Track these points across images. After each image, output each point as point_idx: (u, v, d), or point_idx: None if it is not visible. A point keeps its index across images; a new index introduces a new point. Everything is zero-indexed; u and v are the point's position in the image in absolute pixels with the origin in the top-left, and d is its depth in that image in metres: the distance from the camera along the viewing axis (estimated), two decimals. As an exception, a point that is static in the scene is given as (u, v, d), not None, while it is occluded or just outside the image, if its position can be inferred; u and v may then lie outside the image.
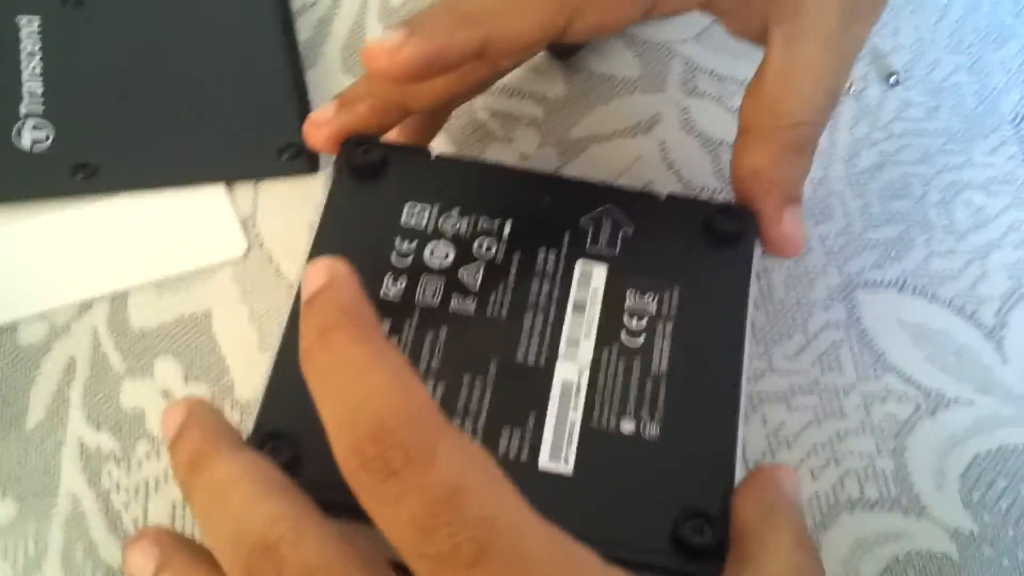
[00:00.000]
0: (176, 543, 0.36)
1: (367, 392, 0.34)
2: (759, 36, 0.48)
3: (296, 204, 0.54)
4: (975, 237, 0.55)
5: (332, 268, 0.36)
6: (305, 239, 0.45)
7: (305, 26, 0.60)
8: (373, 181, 0.46)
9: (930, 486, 0.49)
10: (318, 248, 0.45)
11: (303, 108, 0.56)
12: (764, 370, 0.51)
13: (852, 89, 0.60)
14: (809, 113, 0.47)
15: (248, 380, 0.49)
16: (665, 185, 0.56)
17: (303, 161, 0.55)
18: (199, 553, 0.36)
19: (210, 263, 0.52)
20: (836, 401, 0.51)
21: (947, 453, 0.49)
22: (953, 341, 0.52)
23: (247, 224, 0.53)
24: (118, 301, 0.51)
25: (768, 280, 0.54)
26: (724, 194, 0.56)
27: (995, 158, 0.58)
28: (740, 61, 0.61)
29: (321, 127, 0.46)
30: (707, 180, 0.57)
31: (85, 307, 0.51)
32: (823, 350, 0.52)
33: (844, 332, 0.52)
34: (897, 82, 0.60)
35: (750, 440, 0.49)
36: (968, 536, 0.48)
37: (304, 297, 0.36)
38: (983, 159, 0.58)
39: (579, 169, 0.56)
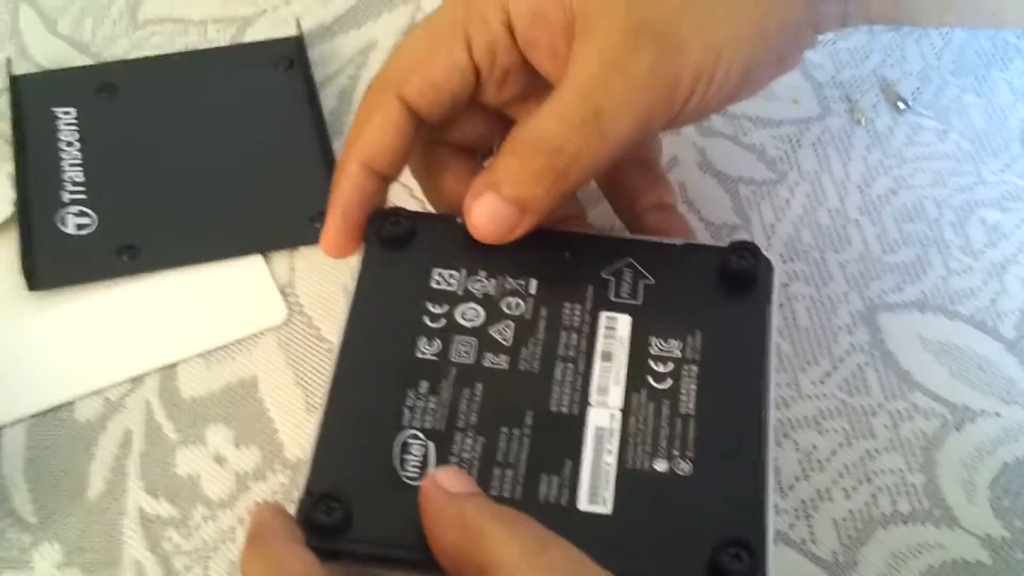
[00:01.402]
0: None
1: None
2: None
3: (331, 268, 0.56)
4: (991, 254, 0.57)
5: None
6: (342, 301, 0.47)
7: (328, 96, 0.62)
8: (403, 250, 0.49)
9: (961, 497, 0.50)
10: (355, 316, 0.47)
11: (331, 175, 0.58)
12: (793, 396, 0.53)
13: (863, 119, 0.62)
14: (565, 134, 0.45)
15: (296, 441, 0.51)
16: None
17: (336, 227, 0.57)
18: None
19: (253, 331, 0.54)
20: (865, 421, 0.52)
21: (976, 464, 0.51)
22: (976, 355, 0.54)
23: (286, 291, 0.56)
24: (168, 373, 0.53)
25: (791, 308, 0.55)
26: (745, 231, 0.58)
27: (1006, 175, 0.60)
28: (751, 100, 0.62)
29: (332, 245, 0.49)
30: (727, 217, 0.58)
31: (137, 381, 0.53)
32: (849, 373, 0.53)
33: (869, 354, 0.54)
34: (907, 107, 0.62)
35: (784, 465, 0.51)
36: (1000, 542, 0.49)
37: None
38: (994, 177, 0.60)
39: (602, 216, 0.58)
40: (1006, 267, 0.57)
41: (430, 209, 0.53)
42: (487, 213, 0.46)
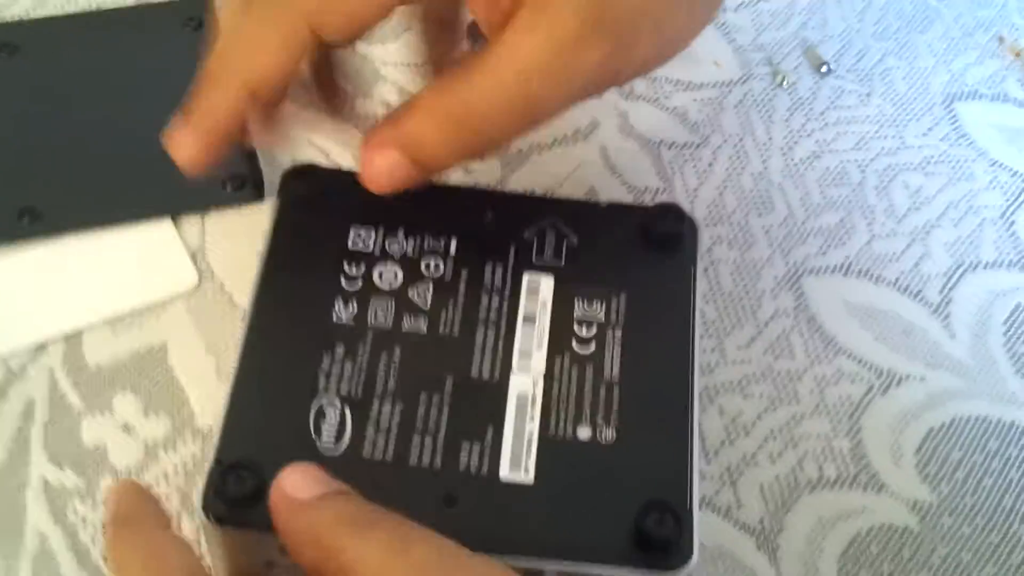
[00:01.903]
0: None
1: None
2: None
3: (244, 233, 0.54)
4: (915, 217, 0.56)
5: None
6: (255, 265, 0.45)
7: (241, 58, 0.60)
8: (317, 209, 0.47)
9: (887, 462, 0.49)
10: (266, 278, 0.45)
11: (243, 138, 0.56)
12: (717, 362, 0.52)
13: (786, 82, 0.61)
14: (511, 115, 0.42)
15: (208, 410, 0.50)
16: (608, 188, 0.57)
17: (248, 190, 0.55)
18: None
19: (162, 297, 0.52)
20: (790, 386, 0.51)
21: (902, 429, 0.50)
22: (901, 320, 0.53)
23: (197, 256, 0.54)
24: (73, 341, 0.51)
25: (716, 273, 0.54)
26: (667, 194, 0.57)
27: (929, 139, 0.59)
28: (672, 63, 0.61)
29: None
30: (650, 181, 0.57)
31: (40, 349, 0.51)
32: (774, 338, 0.53)
33: (793, 319, 0.53)
34: (829, 71, 0.61)
35: (709, 430, 0.50)
36: (927, 507, 0.48)
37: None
38: (917, 141, 0.59)
39: (523, 179, 0.56)
40: (930, 231, 0.56)
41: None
42: (387, 169, 0.43)
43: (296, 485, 0.37)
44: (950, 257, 0.55)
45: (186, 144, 0.43)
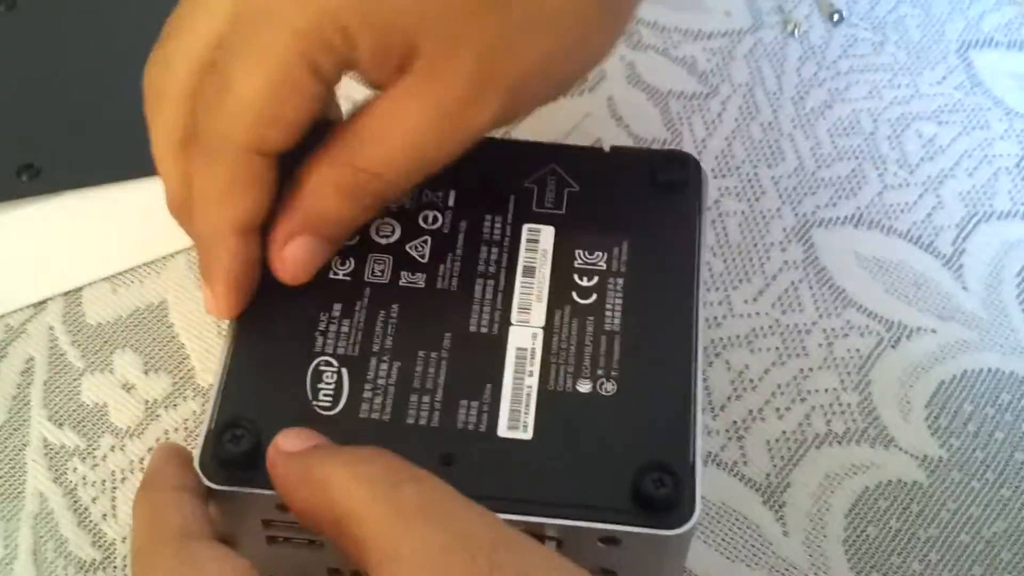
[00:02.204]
0: None
1: None
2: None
3: (245, 188, 0.53)
4: (928, 167, 0.55)
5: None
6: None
7: (243, 10, 0.60)
8: None
9: (896, 416, 0.49)
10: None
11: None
12: (725, 315, 0.51)
13: (797, 31, 0.60)
14: (401, 177, 0.41)
15: (208, 367, 0.49)
16: (616, 140, 0.56)
17: (250, 145, 0.54)
18: None
19: (162, 253, 0.52)
20: (798, 340, 0.51)
21: (912, 383, 0.50)
22: (912, 271, 0.52)
23: (197, 212, 0.53)
24: (72, 298, 0.51)
25: (724, 225, 0.53)
26: (674, 144, 0.56)
27: (943, 88, 0.58)
28: (681, 12, 0.61)
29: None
30: (657, 132, 0.57)
31: (40, 307, 0.51)
32: (782, 291, 0.52)
33: (802, 271, 0.52)
34: (841, 19, 0.60)
35: (715, 385, 0.49)
36: (937, 462, 0.48)
37: None
38: (931, 90, 0.58)
39: (527, 131, 0.55)
40: (943, 181, 0.55)
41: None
42: (303, 257, 0.42)
43: (290, 442, 0.37)
44: (964, 207, 0.54)
45: (221, 306, 0.42)
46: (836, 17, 0.60)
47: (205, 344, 0.50)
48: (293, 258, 0.42)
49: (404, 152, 0.41)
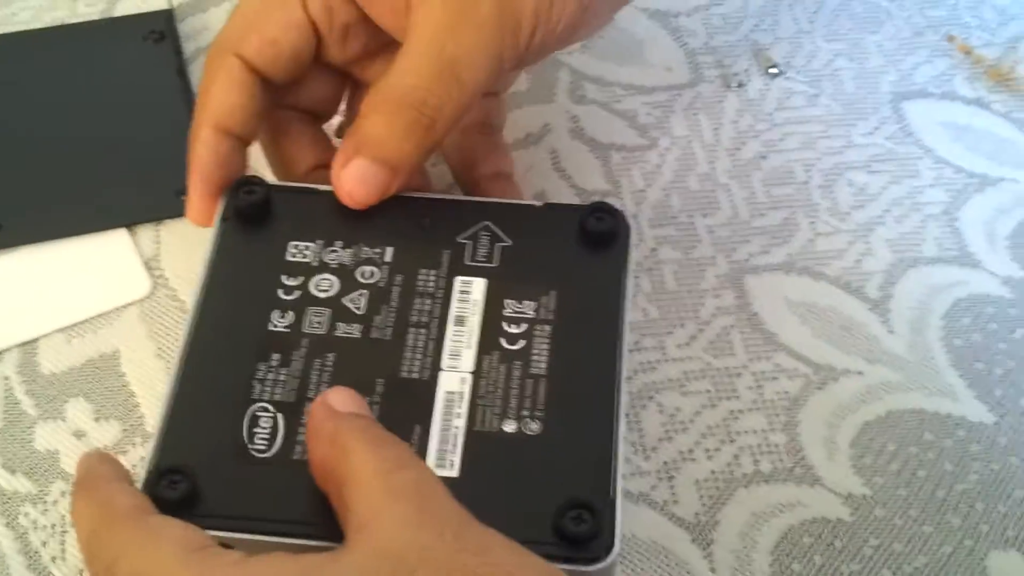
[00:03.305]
0: None
1: None
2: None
3: (198, 241, 0.54)
4: (858, 215, 0.57)
5: None
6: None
7: (199, 69, 0.62)
8: (258, 221, 0.48)
9: (822, 456, 0.50)
10: (208, 288, 0.46)
11: (199, 148, 0.58)
12: (659, 360, 0.53)
13: (735, 85, 0.62)
14: (426, 86, 0.45)
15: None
16: (558, 191, 0.58)
17: (202, 200, 0.56)
18: None
19: (116, 305, 0.54)
20: (729, 383, 0.52)
21: (838, 423, 0.51)
22: (840, 316, 0.54)
23: (151, 264, 0.55)
24: (28, 349, 0.53)
25: (660, 273, 0.55)
26: (614, 196, 0.58)
27: (875, 138, 0.60)
28: (624, 67, 0.63)
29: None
30: (598, 184, 0.58)
31: (-3, 358, 0.53)
32: (715, 336, 0.54)
33: (734, 317, 0.54)
34: (779, 73, 0.62)
35: (647, 427, 0.51)
36: (861, 499, 0.49)
37: None
38: (864, 140, 0.60)
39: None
40: (873, 228, 0.57)
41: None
42: (358, 177, 0.46)
43: (338, 398, 0.41)
44: (892, 253, 0.56)
45: (191, 207, 0.48)
46: (774, 71, 0.62)
47: (155, 392, 0.51)
48: (350, 177, 0.46)
49: (433, 50, 0.45)
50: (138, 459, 0.50)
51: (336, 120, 0.54)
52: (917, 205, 0.58)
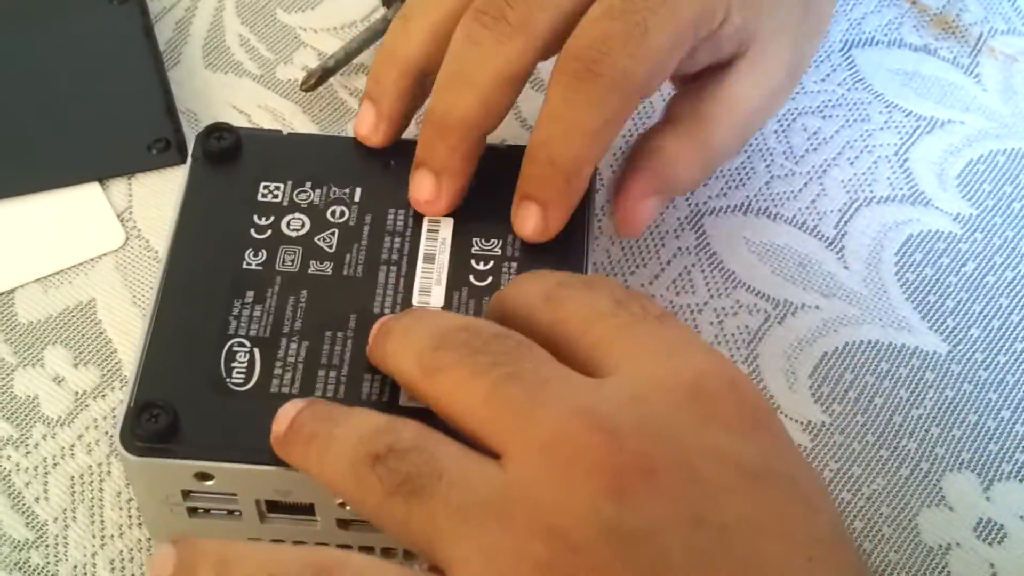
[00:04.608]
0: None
1: None
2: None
3: (169, 194, 0.56)
4: (812, 158, 0.59)
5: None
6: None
7: (165, 28, 0.63)
8: (229, 165, 0.49)
9: (782, 386, 0.52)
10: (181, 231, 0.48)
11: (168, 103, 0.59)
12: (622, 299, 0.54)
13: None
14: (738, 146, 0.54)
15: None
16: (519, 140, 0.59)
17: (172, 153, 0.58)
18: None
19: (91, 256, 0.55)
20: (691, 319, 0.54)
21: (797, 355, 0.53)
22: (797, 254, 0.56)
23: (124, 217, 0.56)
24: (4, 299, 0.54)
25: (622, 217, 0.57)
26: (575, 143, 0.59)
27: (827, 85, 0.62)
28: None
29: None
30: (559, 133, 0.60)
31: (-27, 309, 0.54)
32: (676, 275, 0.55)
33: (695, 256, 0.56)
34: (732, 24, 0.64)
35: (612, 363, 0.52)
36: (820, 426, 0.51)
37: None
38: (816, 87, 0.62)
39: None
40: (827, 170, 0.59)
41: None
42: (650, 214, 0.51)
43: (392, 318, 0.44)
44: (846, 194, 0.58)
45: (382, 130, 0.50)
46: (728, 22, 0.64)
47: (132, 338, 0.52)
48: (644, 214, 0.50)
49: (744, 126, 0.52)
50: (117, 402, 0.51)
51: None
52: (869, 147, 0.59)
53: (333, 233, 0.48)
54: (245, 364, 0.44)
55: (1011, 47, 0.63)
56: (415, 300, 0.46)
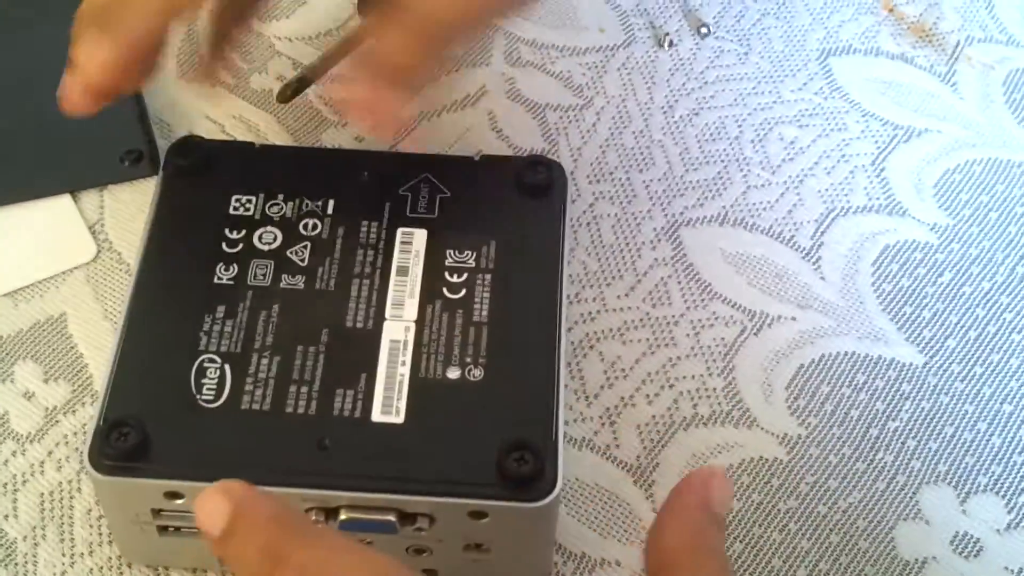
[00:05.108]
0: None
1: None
2: None
3: (141, 206, 0.56)
4: (789, 168, 0.59)
5: (230, 492, 0.35)
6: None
7: (137, 38, 0.62)
8: (200, 177, 0.49)
9: (758, 399, 0.52)
10: (152, 244, 0.47)
11: (141, 113, 0.58)
12: (599, 310, 0.54)
13: (667, 45, 0.63)
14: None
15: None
16: (496, 151, 0.59)
17: (145, 165, 0.57)
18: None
19: (62, 269, 0.54)
20: (667, 331, 0.54)
21: (773, 367, 0.53)
22: (773, 265, 0.56)
23: (95, 229, 0.56)
24: (-26, 314, 0.53)
25: (598, 227, 0.56)
26: (551, 153, 0.59)
27: (804, 94, 0.62)
28: (558, 30, 0.64)
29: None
30: (535, 142, 0.59)
31: (-57, 323, 0.53)
32: (652, 286, 0.55)
33: (671, 268, 0.55)
34: (708, 33, 0.64)
35: (589, 375, 0.52)
36: (796, 439, 0.51)
37: (211, 532, 0.35)
38: (792, 96, 0.61)
39: (411, 146, 0.58)
40: (803, 180, 0.58)
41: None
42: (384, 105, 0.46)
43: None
44: (822, 204, 0.58)
45: (99, 56, 0.46)
46: (704, 31, 0.64)
47: (103, 353, 0.52)
48: (374, 105, 0.46)
49: None
50: (88, 418, 0.50)
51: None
52: (845, 157, 0.59)
53: (305, 246, 0.47)
54: (215, 380, 0.44)
55: (988, 55, 0.63)
56: (388, 313, 0.46)
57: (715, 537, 0.37)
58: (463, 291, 0.46)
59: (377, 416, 0.43)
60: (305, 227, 0.48)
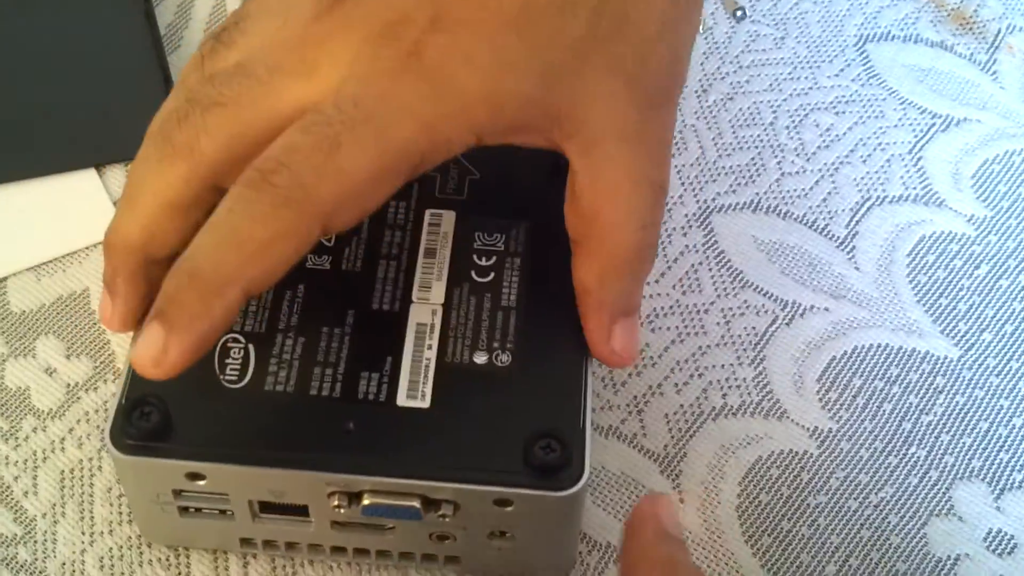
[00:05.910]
0: None
1: None
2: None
3: (167, 181, 0.55)
4: (824, 155, 0.58)
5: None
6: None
7: (166, 12, 0.62)
8: None
9: (789, 390, 0.51)
10: None
11: (168, 89, 0.57)
12: (628, 297, 0.53)
13: (701, 28, 0.62)
14: (629, 220, 0.43)
15: (128, 350, 0.51)
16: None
17: (171, 140, 0.56)
18: None
19: (86, 244, 0.54)
20: (697, 319, 0.53)
21: (805, 358, 0.52)
22: (807, 254, 0.55)
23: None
24: (-3, 288, 0.53)
25: (628, 213, 0.55)
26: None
27: (840, 80, 0.60)
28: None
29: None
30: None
31: (-34, 297, 0.52)
32: (683, 273, 0.54)
33: (702, 255, 0.55)
34: (744, 16, 0.63)
35: (616, 363, 0.51)
36: (827, 433, 0.50)
37: None
38: (829, 82, 0.60)
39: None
40: (839, 168, 0.57)
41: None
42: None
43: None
44: (858, 192, 0.57)
45: (172, 351, 0.38)
46: (739, 14, 0.63)
47: (126, 330, 0.51)
48: (617, 342, 0.45)
49: (631, 194, 0.43)
50: (110, 395, 0.50)
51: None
52: (882, 145, 0.58)
53: None
54: (239, 361, 0.43)
55: (1029, 45, 0.62)
56: (415, 295, 0.45)
57: (668, 551, 0.41)
58: (492, 275, 0.46)
59: (402, 400, 0.43)
60: None
